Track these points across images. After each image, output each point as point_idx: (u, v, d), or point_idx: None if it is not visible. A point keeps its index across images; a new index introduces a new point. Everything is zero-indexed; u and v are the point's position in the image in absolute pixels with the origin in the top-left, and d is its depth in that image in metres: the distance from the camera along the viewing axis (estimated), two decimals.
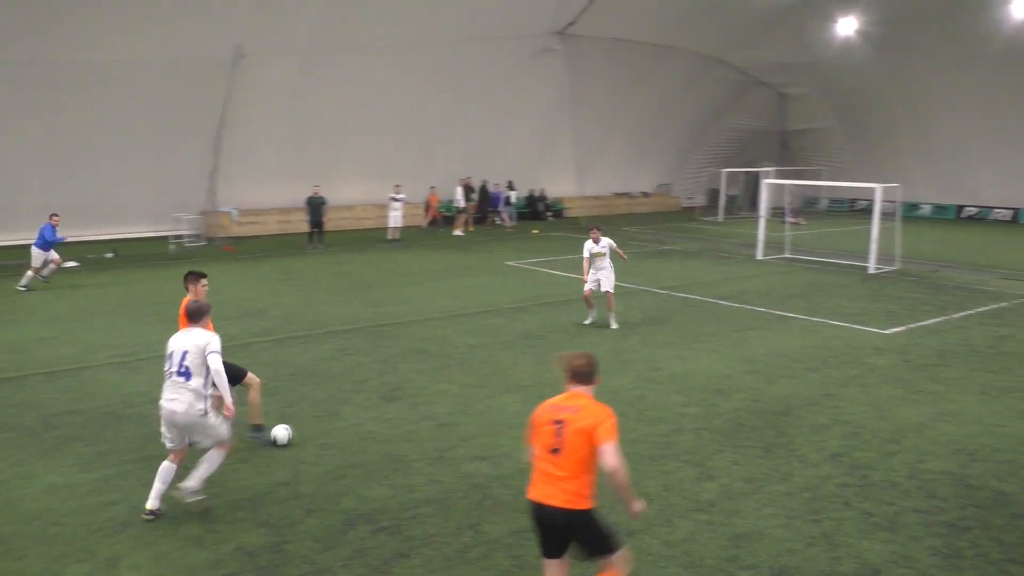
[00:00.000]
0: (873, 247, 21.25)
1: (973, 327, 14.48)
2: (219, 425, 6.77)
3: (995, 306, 16.46)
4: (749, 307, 16.07)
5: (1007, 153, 36.85)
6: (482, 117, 32.82)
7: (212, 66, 23.95)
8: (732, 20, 34.92)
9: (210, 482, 6.86)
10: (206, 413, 6.63)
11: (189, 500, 6.69)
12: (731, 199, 43.84)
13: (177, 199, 25.53)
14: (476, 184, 32.24)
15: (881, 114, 40.50)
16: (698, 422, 9.24)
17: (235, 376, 7.75)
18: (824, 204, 44.54)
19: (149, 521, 6.59)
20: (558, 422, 4.80)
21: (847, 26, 36.83)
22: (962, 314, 15.63)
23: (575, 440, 4.73)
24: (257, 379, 8.34)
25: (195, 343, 6.64)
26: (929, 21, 34.52)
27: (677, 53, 37.17)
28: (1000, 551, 6.28)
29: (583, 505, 4.77)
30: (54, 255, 17.55)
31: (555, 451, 4.79)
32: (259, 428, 8.34)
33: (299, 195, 26.26)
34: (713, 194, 43.05)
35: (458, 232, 29.29)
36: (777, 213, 32.57)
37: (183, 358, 6.60)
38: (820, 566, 6.04)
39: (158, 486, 6.67)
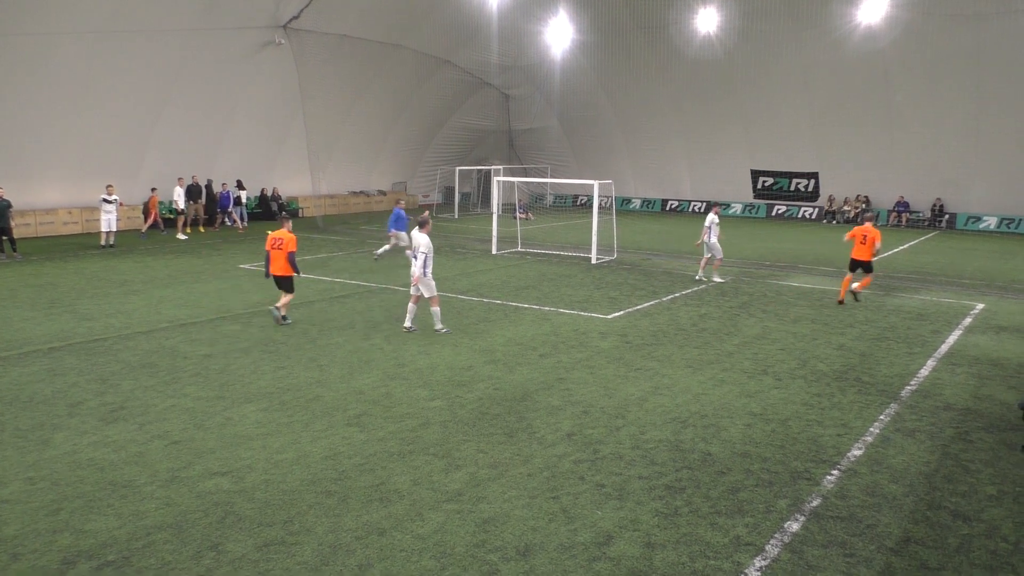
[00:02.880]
0: (594, 239, 23.06)
1: (679, 308, 16.24)
2: (430, 284, 13.33)
3: (695, 289, 18.58)
4: (487, 300, 16.70)
5: (699, 152, 41.75)
6: (204, 113, 30.90)
7: None
8: (450, 22, 35.98)
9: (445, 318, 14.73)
10: (425, 275, 13.17)
11: (442, 332, 13.48)
12: (465, 196, 45.30)
13: None
14: (202, 183, 30.30)
15: (595, 115, 44.00)
16: (444, 414, 9.44)
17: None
18: (550, 200, 47.51)
19: (406, 332, 13.60)
20: (864, 235, 16.16)
21: (560, 32, 39.60)
22: (669, 297, 17.46)
23: (869, 239, 16.11)
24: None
25: (418, 243, 13.17)
26: (632, 31, 38.13)
27: (404, 52, 37.61)
28: (708, 506, 7.12)
29: (870, 257, 16.21)
30: None
31: (863, 242, 16.13)
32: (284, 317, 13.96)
33: None
34: (448, 192, 44.22)
35: (181, 235, 27.31)
36: (508, 209, 34.20)
37: (416, 250, 13.18)
38: (560, 540, 6.44)
39: (408, 316, 13.73)
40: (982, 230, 34.82)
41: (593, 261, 22.74)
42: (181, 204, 27.84)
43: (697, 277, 19.67)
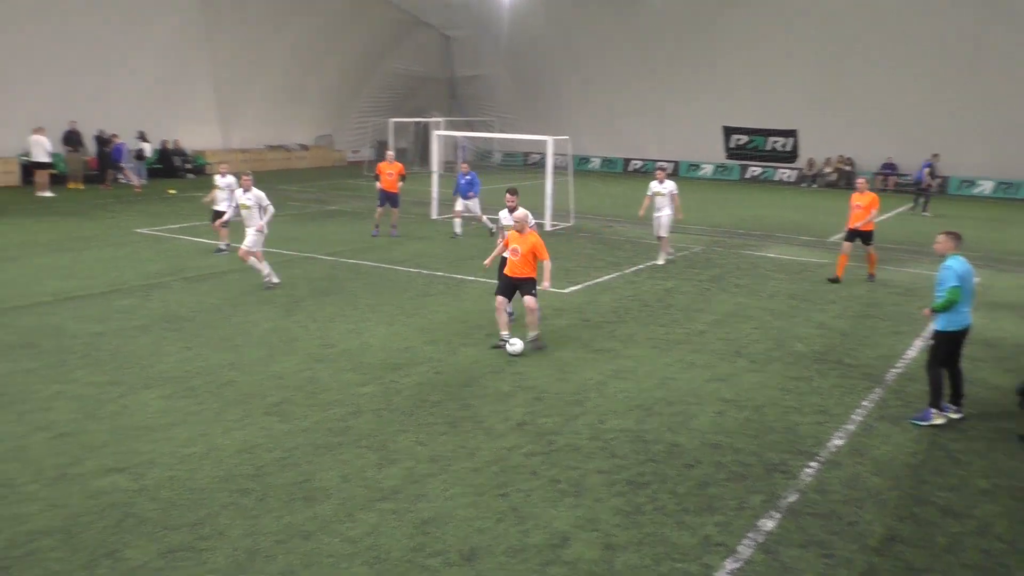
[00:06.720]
0: (548, 203, 23.08)
1: (643, 281, 16.40)
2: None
3: (662, 260, 18.76)
4: (426, 271, 16.63)
5: (665, 107, 41.97)
6: (89, 52, 29.94)
7: None
8: None
9: None
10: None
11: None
12: (401, 152, 44.79)
13: None
14: (89, 134, 29.45)
15: (548, 65, 43.89)
16: (377, 402, 9.40)
17: None
18: (498, 158, 47.32)
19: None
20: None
21: None
22: (633, 269, 17.62)
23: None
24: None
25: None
26: None
27: None
28: (675, 502, 7.25)
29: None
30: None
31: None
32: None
33: None
34: (381, 147, 43.63)
35: (46, 193, 26.57)
36: (450, 167, 33.99)
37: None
38: (510, 542, 6.50)
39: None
40: (976, 195, 35.80)
41: (547, 228, 22.77)
42: (43, 157, 27.09)
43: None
